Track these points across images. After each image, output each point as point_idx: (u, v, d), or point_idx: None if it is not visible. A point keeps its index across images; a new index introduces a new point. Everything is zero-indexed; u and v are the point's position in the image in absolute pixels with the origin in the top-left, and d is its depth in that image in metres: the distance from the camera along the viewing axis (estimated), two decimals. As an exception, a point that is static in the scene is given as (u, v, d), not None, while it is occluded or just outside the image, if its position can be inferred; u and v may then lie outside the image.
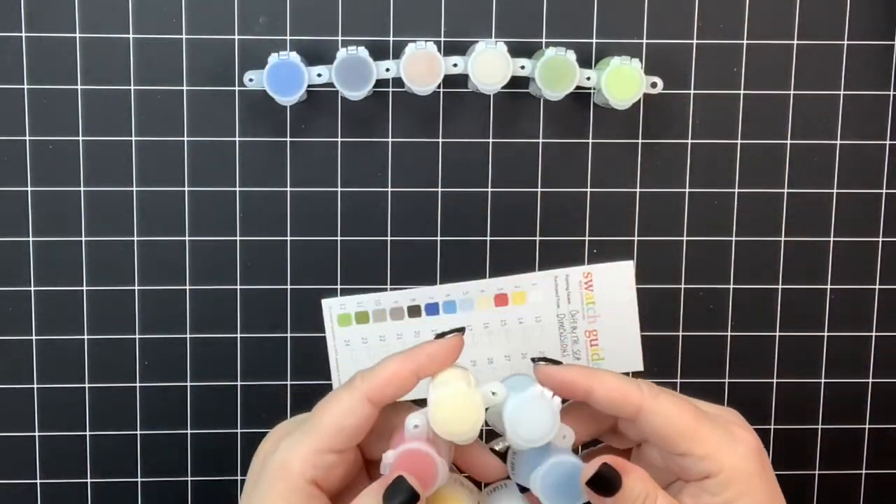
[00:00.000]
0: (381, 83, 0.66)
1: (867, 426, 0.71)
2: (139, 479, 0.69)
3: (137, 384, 0.68)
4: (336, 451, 0.47)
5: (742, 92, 0.68)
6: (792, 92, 0.68)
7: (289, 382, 0.69)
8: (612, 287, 0.69)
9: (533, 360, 0.50)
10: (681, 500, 0.49)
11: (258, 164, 0.67)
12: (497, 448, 0.50)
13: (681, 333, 0.70)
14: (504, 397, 0.48)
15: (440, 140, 0.68)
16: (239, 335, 0.68)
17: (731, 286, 0.69)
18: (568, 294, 0.70)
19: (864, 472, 0.71)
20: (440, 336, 0.50)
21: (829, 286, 0.70)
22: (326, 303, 0.68)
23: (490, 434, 0.50)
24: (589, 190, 0.68)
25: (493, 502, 0.50)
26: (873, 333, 0.70)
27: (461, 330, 0.50)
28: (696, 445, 0.48)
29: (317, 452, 0.47)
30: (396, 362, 0.48)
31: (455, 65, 0.64)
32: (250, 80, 0.64)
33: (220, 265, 0.68)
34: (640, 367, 0.70)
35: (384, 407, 0.48)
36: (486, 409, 0.48)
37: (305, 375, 0.69)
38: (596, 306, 0.70)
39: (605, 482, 0.47)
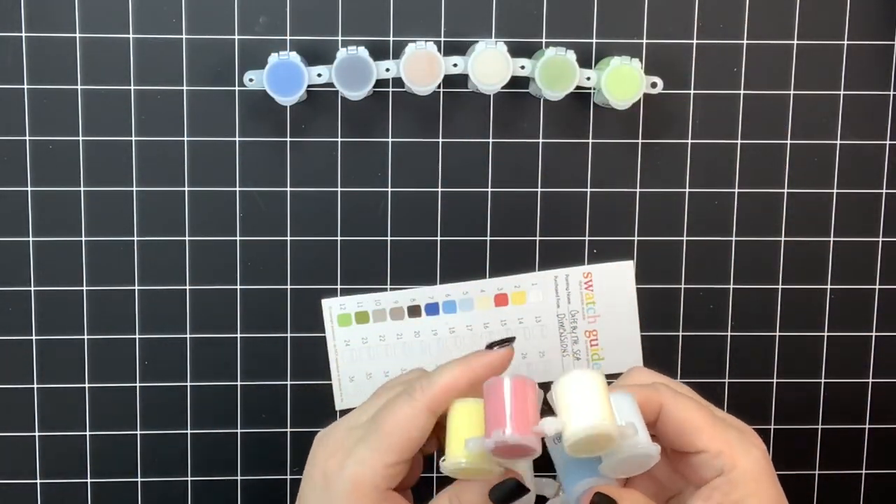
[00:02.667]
0: (381, 83, 0.66)
1: (867, 426, 0.71)
2: (139, 479, 0.69)
3: (137, 384, 0.68)
4: (405, 461, 0.50)
5: (742, 92, 0.68)
6: (792, 92, 0.68)
7: (289, 382, 0.69)
8: (612, 287, 0.69)
9: None
10: None
11: (258, 164, 0.67)
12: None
13: (681, 333, 0.70)
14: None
15: (440, 140, 0.68)
16: (239, 335, 0.68)
17: (731, 286, 0.69)
18: (568, 294, 0.70)
19: (864, 472, 0.71)
20: (491, 346, 0.51)
21: (829, 286, 0.70)
22: (326, 303, 0.68)
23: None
24: (589, 190, 0.68)
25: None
26: (873, 333, 0.70)
27: (511, 339, 0.52)
28: (712, 442, 0.49)
29: (388, 466, 0.50)
30: (454, 372, 0.51)
31: (455, 65, 0.64)
32: (250, 80, 0.64)
33: (220, 265, 0.68)
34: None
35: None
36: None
37: (305, 375, 0.69)
38: (596, 306, 0.70)
39: None
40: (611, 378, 0.70)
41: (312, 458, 0.52)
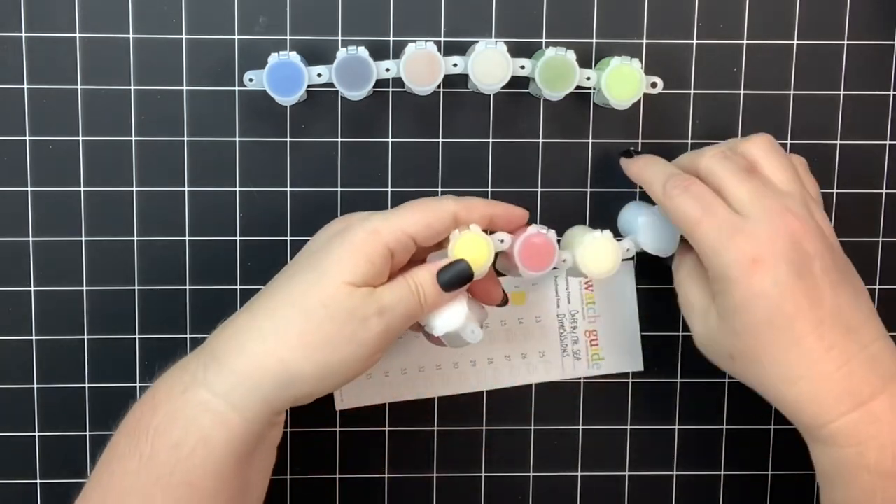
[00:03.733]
0: (381, 83, 0.66)
1: (867, 426, 0.71)
2: (139, 479, 0.69)
3: (137, 384, 0.68)
4: (415, 241, 0.57)
5: (742, 92, 0.68)
6: (792, 92, 0.68)
7: (289, 382, 0.69)
8: (612, 287, 0.69)
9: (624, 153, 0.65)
10: None
11: (258, 164, 0.67)
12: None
13: (681, 333, 0.70)
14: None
15: (440, 140, 0.68)
16: (239, 335, 0.68)
17: (731, 286, 0.69)
18: (568, 294, 0.70)
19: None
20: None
21: (829, 286, 0.70)
22: (326, 303, 0.68)
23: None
24: (589, 190, 0.68)
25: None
26: (873, 333, 0.70)
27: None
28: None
29: (403, 232, 0.56)
30: (485, 206, 0.59)
31: (455, 65, 0.64)
32: (250, 80, 0.64)
33: (220, 265, 0.68)
34: (640, 367, 0.70)
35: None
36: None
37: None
38: (596, 306, 0.70)
39: None
40: (610, 378, 0.71)
41: (336, 219, 0.60)
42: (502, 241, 0.61)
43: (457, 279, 0.58)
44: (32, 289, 0.67)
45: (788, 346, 0.53)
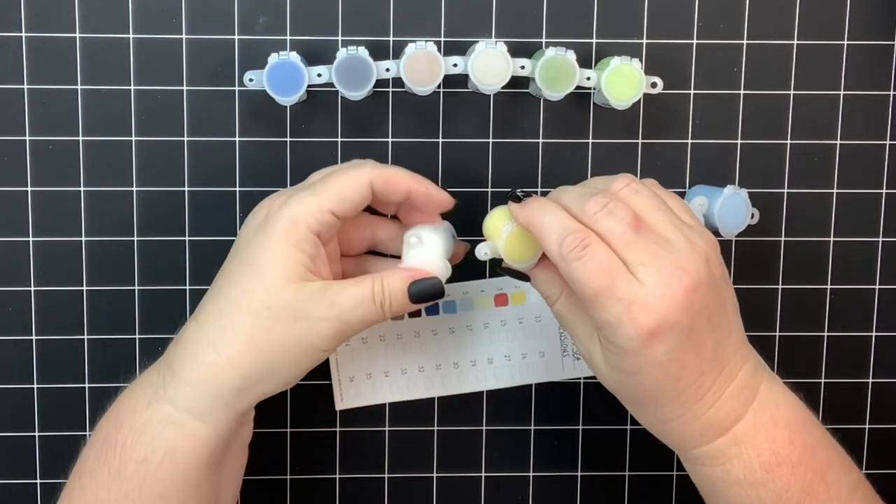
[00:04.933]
0: (381, 83, 0.66)
1: (867, 426, 0.71)
2: (139, 479, 0.69)
3: (137, 384, 0.68)
4: (335, 215, 0.56)
5: (742, 92, 0.68)
6: (792, 92, 0.68)
7: (289, 382, 0.69)
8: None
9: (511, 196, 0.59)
10: None
11: (258, 164, 0.67)
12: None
13: (681, 333, 0.70)
14: None
15: (440, 140, 0.68)
16: (239, 335, 0.68)
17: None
18: (568, 294, 0.70)
19: (864, 472, 0.71)
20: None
21: (829, 286, 0.70)
22: (326, 303, 0.68)
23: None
24: (589, 190, 0.68)
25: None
26: (873, 333, 0.70)
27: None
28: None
29: (321, 210, 0.55)
30: (407, 175, 0.58)
31: (455, 65, 0.64)
32: (250, 80, 0.64)
33: (220, 265, 0.67)
34: (640, 367, 0.70)
35: (361, 221, 0.61)
36: None
37: (305, 376, 0.69)
38: (596, 306, 0.70)
39: None
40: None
41: (258, 206, 0.58)
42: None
43: (428, 295, 0.57)
44: (32, 289, 0.67)
45: (668, 400, 0.55)
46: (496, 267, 0.60)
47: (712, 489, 0.57)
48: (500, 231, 0.58)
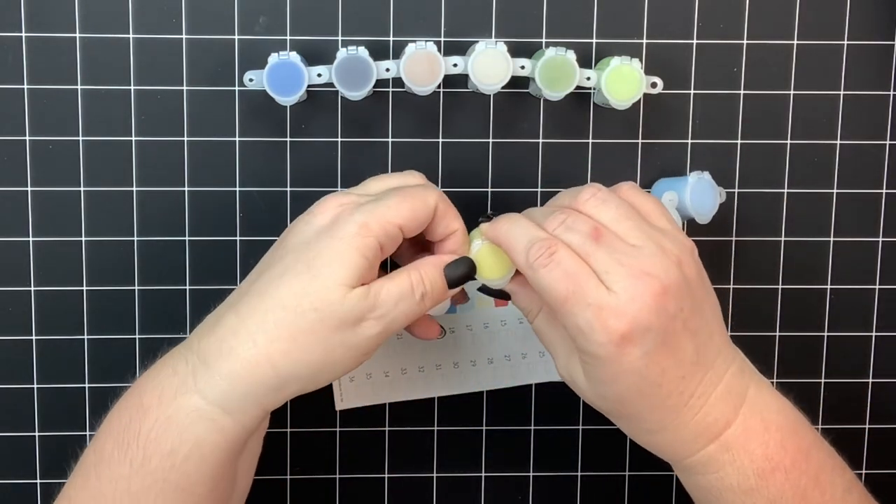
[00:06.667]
0: (381, 83, 0.66)
1: (867, 426, 0.71)
2: (139, 479, 0.69)
3: (137, 384, 0.68)
4: (402, 231, 0.56)
5: (742, 92, 0.68)
6: (792, 92, 0.68)
7: (289, 382, 0.69)
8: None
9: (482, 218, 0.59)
10: None
11: (258, 164, 0.67)
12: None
13: (681, 333, 0.70)
14: None
15: (440, 140, 0.68)
16: (239, 335, 0.68)
17: (731, 286, 0.69)
18: (568, 294, 0.69)
19: (864, 472, 0.71)
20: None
21: (829, 286, 0.70)
22: (326, 303, 0.68)
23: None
24: (589, 190, 0.68)
25: None
26: (873, 333, 0.70)
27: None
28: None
29: (392, 224, 0.55)
30: (454, 212, 0.58)
31: (455, 65, 0.64)
32: (250, 80, 0.64)
33: (220, 265, 0.68)
34: (640, 368, 0.70)
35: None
36: None
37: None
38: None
39: None
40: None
41: (320, 207, 0.57)
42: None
43: (465, 275, 0.57)
44: (32, 289, 0.67)
45: (653, 408, 0.55)
46: (476, 288, 0.60)
47: (706, 498, 0.57)
48: (471, 249, 0.58)
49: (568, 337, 0.56)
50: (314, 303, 0.53)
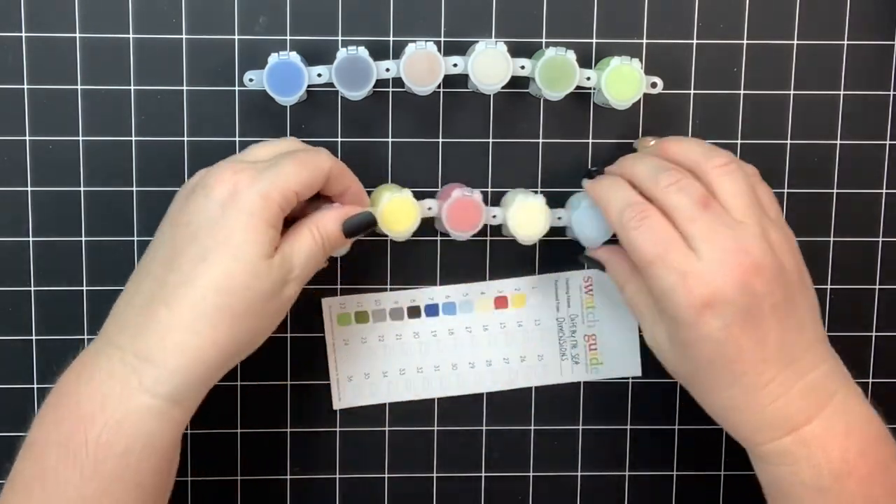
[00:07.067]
0: (381, 83, 0.66)
1: (868, 427, 0.71)
2: (139, 480, 0.69)
3: (137, 384, 0.68)
4: (298, 196, 0.57)
5: (742, 92, 0.68)
6: (792, 92, 0.68)
7: (288, 382, 0.69)
8: (613, 291, 0.69)
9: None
10: None
11: (258, 164, 0.67)
12: None
13: (681, 334, 0.70)
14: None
15: (440, 140, 0.68)
16: (239, 335, 0.68)
17: (732, 286, 0.69)
18: (568, 298, 0.70)
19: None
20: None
21: (829, 286, 0.70)
22: (326, 302, 0.68)
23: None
24: (589, 190, 0.68)
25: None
26: (873, 333, 0.70)
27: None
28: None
29: (289, 189, 0.56)
30: (351, 173, 0.61)
31: (455, 65, 0.64)
32: (250, 80, 0.64)
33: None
34: (639, 372, 0.70)
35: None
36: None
37: (305, 375, 0.69)
38: (596, 311, 0.70)
39: None
40: (610, 378, 0.70)
41: (209, 179, 0.57)
42: (430, 208, 0.64)
43: (362, 226, 0.60)
44: (32, 289, 0.67)
45: (729, 383, 0.56)
46: (577, 255, 0.66)
47: (778, 489, 0.57)
48: (380, 202, 0.62)
49: (655, 308, 0.58)
50: (245, 281, 0.55)
